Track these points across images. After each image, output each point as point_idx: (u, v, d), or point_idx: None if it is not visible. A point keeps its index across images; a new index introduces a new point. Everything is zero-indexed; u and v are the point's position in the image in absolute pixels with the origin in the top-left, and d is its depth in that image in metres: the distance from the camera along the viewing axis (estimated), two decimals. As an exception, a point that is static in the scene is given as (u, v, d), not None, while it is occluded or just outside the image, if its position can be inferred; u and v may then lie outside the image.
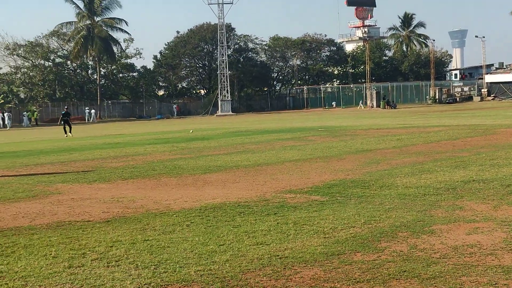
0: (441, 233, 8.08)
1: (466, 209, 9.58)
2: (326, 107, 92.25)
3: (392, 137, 25.60)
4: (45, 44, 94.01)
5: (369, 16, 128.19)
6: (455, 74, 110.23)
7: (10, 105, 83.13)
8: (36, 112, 79.72)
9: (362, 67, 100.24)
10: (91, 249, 7.90)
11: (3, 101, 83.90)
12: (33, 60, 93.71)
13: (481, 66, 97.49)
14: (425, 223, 8.68)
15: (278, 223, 9.08)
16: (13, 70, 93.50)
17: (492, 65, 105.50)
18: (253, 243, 7.88)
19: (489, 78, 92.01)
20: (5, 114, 72.82)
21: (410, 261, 6.85)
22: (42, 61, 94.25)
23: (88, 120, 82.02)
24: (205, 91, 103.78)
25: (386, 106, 78.35)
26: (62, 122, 42.27)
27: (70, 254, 7.68)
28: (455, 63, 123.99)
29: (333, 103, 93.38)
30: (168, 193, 12.60)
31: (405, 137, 25.33)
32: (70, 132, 40.55)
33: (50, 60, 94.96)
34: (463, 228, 8.33)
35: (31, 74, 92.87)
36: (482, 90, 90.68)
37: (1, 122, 72.85)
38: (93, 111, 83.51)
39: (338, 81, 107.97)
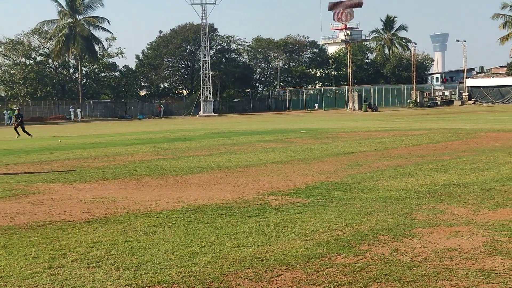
0: (422, 237, 8.12)
1: (447, 213, 9.64)
2: (308, 109, 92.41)
3: (374, 140, 25.70)
4: (26, 42, 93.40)
5: (347, 19, 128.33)
6: (437, 78, 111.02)
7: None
8: (14, 111, 79.14)
9: (344, 69, 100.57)
10: (71, 249, 7.85)
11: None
12: (14, 58, 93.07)
13: (462, 70, 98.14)
14: (406, 227, 8.72)
15: (259, 225, 9.08)
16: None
17: (473, 69, 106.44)
18: (235, 245, 7.87)
19: (470, 82, 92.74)
20: None
21: (391, 264, 6.87)
22: (23, 59, 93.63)
23: (72, 119, 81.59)
24: (188, 92, 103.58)
25: (367, 109, 78.61)
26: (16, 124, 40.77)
27: (50, 254, 7.63)
28: (437, 67, 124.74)
29: (315, 105, 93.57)
30: (150, 193, 12.55)
31: (386, 140, 25.44)
32: (24, 132, 38.92)
33: (31, 58, 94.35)
34: (443, 232, 8.37)
35: (12, 72, 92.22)
36: (463, 94, 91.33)
37: None
38: (78, 110, 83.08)
39: (320, 83, 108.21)
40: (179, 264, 7.04)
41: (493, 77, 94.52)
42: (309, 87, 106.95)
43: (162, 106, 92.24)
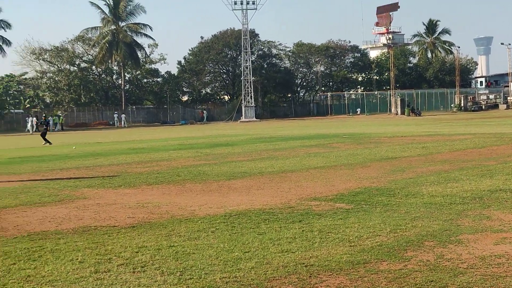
0: (468, 243, 8.00)
1: (493, 219, 9.49)
2: (350, 114, 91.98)
3: (417, 145, 25.45)
4: (70, 49, 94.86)
5: (389, 23, 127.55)
6: (481, 82, 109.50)
7: (36, 110, 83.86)
8: (61, 117, 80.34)
9: (386, 74, 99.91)
10: (117, 254, 7.94)
11: (29, 105, 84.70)
12: (58, 65, 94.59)
13: (507, 73, 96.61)
14: (452, 233, 8.61)
15: (303, 230, 9.05)
16: (39, 74, 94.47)
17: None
18: (278, 251, 7.87)
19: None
20: (32, 119, 73.30)
21: (437, 271, 6.79)
22: (68, 66, 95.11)
23: (116, 125, 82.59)
24: (229, 97, 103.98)
25: (410, 114, 77.92)
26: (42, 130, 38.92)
27: (96, 259, 7.72)
28: (481, 71, 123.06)
29: (357, 110, 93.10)
30: (193, 199, 12.62)
31: (430, 145, 25.16)
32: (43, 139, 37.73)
33: (76, 65, 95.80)
34: (490, 238, 8.24)
35: (56, 79, 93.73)
36: (508, 98, 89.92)
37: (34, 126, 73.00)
38: (123, 115, 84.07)
39: (362, 88, 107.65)
40: (223, 270, 7.06)
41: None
42: (351, 92, 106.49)
43: (205, 111, 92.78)
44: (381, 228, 9.04)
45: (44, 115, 43.73)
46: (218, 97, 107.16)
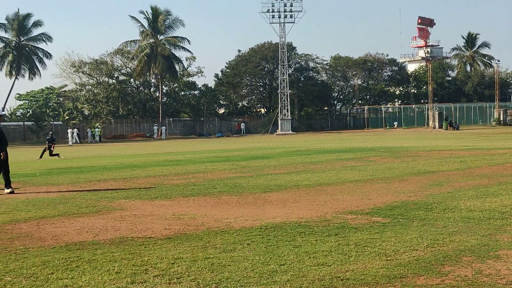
0: (507, 259, 7.88)
1: (533, 235, 9.33)
2: (387, 127, 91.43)
3: (455, 159, 25.17)
4: (109, 62, 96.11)
5: (426, 35, 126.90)
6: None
7: (74, 122, 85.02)
8: (99, 129, 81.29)
9: (424, 87, 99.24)
10: (153, 265, 7.98)
11: (68, 117, 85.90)
12: (97, 77, 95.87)
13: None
14: (491, 248, 8.48)
15: (339, 244, 9.00)
16: (78, 87, 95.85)
17: None
18: (314, 264, 7.83)
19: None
20: (74, 130, 74.28)
21: (475, 287, 6.70)
22: (106, 79, 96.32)
23: (155, 136, 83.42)
24: (265, 110, 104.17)
25: (448, 127, 77.17)
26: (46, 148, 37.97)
27: (132, 270, 7.77)
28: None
29: (395, 123, 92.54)
30: (229, 211, 12.64)
31: (468, 159, 24.87)
32: (51, 154, 37.05)
33: (114, 78, 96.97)
34: (530, 254, 8.10)
35: (95, 91, 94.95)
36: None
37: (76, 138, 73.86)
38: (163, 127, 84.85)
39: (399, 101, 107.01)
40: (258, 282, 7.05)
41: None
42: (388, 105, 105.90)
43: (242, 124, 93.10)
44: (418, 242, 8.94)
45: (51, 132, 43.02)
46: (254, 110, 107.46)
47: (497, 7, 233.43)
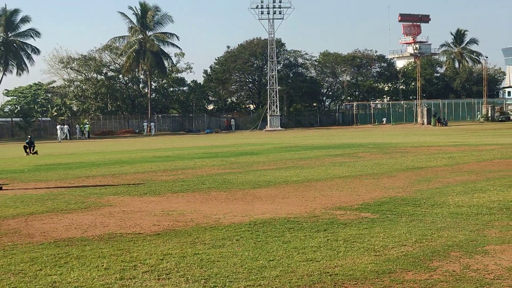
0: (495, 254, 7.93)
1: (520, 230, 9.38)
2: (376, 123, 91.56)
3: (444, 155, 25.26)
4: (98, 58, 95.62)
5: (417, 32, 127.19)
6: (509, 92, 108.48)
7: (63, 118, 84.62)
8: (88, 125, 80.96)
9: (413, 83, 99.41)
10: (142, 261, 7.98)
11: (56, 113, 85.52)
12: (86, 73, 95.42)
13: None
14: (478, 243, 8.53)
15: (328, 239, 9.03)
16: (66, 83, 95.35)
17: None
18: (303, 259, 7.85)
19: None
20: (64, 126, 73.89)
21: (463, 282, 6.74)
22: (95, 75, 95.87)
23: (145, 132, 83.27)
24: (254, 106, 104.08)
25: (436, 123, 77.35)
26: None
27: (121, 266, 7.76)
28: (509, 81, 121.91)
29: (383, 119, 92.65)
30: (218, 207, 12.64)
31: (456, 155, 24.97)
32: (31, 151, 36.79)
33: (103, 74, 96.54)
34: (517, 249, 8.15)
35: (83, 87, 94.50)
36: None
37: (66, 134, 73.46)
38: (152, 124, 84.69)
39: (388, 98, 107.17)
40: (247, 278, 7.07)
41: None
42: (377, 102, 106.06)
43: (232, 120, 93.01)
44: (407, 238, 8.98)
45: (29, 136, 41.89)
46: (243, 106, 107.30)
47: (486, 4, 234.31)
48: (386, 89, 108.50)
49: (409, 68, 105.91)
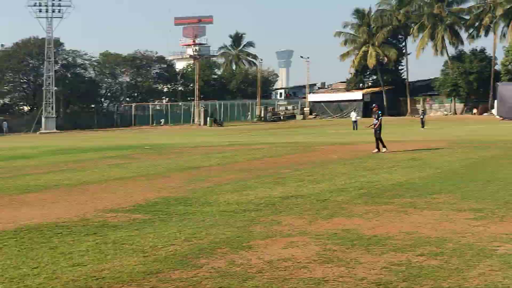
0: (258, 248, 8.27)
1: (283, 224, 9.88)
2: (154, 124, 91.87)
3: (217, 154, 25.96)
4: None
5: (197, 35, 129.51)
6: (280, 93, 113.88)
7: None
8: None
9: (192, 85, 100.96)
10: None
11: None
12: None
13: (305, 85, 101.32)
14: (244, 239, 8.85)
15: (97, 243, 8.88)
16: None
17: (315, 84, 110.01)
18: (70, 265, 7.66)
19: (311, 97, 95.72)
20: None
21: (227, 277, 6.95)
22: None
23: None
24: (29, 108, 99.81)
25: (213, 124, 79.31)
26: None
27: None
28: (281, 83, 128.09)
29: (161, 120, 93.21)
30: (-19, 214, 11.94)
31: (229, 154, 25.78)
32: None
33: None
34: (279, 243, 8.57)
35: None
36: (305, 108, 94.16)
37: None
38: None
39: (167, 99, 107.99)
40: (8, 287, 6.74)
41: (333, 92, 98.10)
42: (156, 103, 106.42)
43: (5, 122, 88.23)
44: (176, 237, 9.10)
45: None
46: (17, 108, 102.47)
47: (263, 9, 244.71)
48: (165, 90, 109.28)
49: (189, 69, 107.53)
